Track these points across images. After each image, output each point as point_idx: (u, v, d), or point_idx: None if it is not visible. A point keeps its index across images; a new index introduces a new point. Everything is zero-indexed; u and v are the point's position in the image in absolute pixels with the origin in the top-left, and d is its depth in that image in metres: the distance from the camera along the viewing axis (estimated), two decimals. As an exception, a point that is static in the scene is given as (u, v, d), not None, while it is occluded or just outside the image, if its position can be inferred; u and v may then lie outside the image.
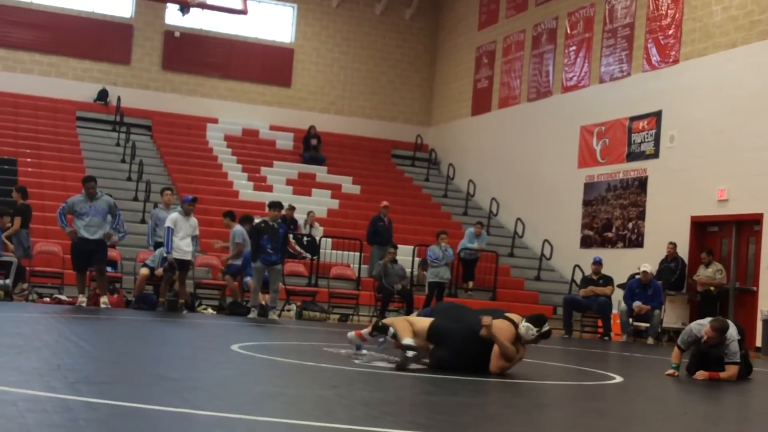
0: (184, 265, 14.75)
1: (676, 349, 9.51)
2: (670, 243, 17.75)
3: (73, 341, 8.45)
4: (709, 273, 17.01)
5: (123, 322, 11.99)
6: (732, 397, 8.34)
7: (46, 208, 18.63)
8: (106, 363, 7.19)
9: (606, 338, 16.90)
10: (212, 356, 8.31)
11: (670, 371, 9.26)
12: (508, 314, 8.02)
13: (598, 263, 17.56)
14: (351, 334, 8.77)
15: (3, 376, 5.63)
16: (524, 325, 7.80)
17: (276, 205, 15.41)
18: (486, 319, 7.79)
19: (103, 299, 14.36)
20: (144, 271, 15.35)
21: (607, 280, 17.40)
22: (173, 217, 14.77)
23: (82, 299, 14.37)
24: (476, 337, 7.81)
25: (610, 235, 20.20)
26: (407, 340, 7.85)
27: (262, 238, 14.88)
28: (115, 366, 7.01)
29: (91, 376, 6.11)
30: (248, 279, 16.02)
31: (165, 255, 14.74)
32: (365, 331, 8.52)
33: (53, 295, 15.37)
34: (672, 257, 17.71)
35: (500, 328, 7.79)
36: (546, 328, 7.91)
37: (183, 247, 14.65)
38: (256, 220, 16.03)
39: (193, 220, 14.99)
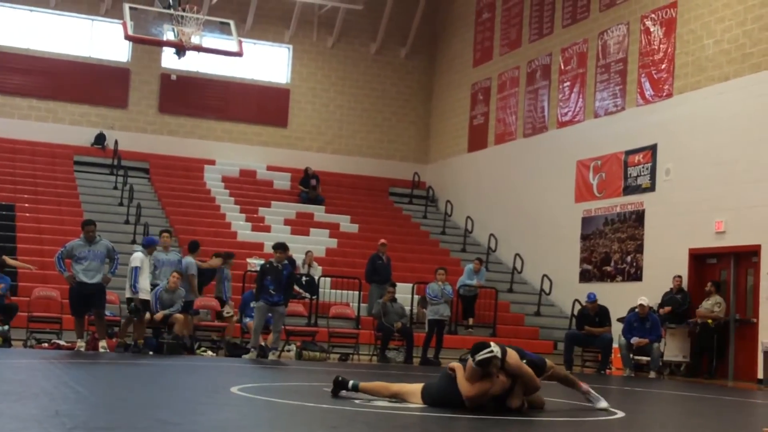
0: (147, 306, 14.88)
1: None
2: (677, 276, 17.72)
3: (71, 387, 8.41)
4: (708, 306, 16.98)
5: (122, 366, 11.93)
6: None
7: (44, 252, 18.63)
8: (105, 408, 7.15)
9: (602, 372, 16.83)
10: (212, 399, 8.26)
11: None
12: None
13: (593, 301, 17.35)
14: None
15: (1, 424, 5.60)
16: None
17: (280, 247, 15.43)
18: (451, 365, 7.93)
19: (102, 344, 14.32)
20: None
21: (604, 317, 17.27)
22: (139, 256, 14.88)
23: (81, 344, 14.33)
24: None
25: (608, 269, 20.19)
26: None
27: (266, 279, 14.93)
28: (114, 411, 6.97)
29: (90, 422, 6.07)
30: (248, 320, 16.02)
31: (127, 297, 14.87)
32: None
33: (51, 340, 15.31)
34: (678, 290, 17.68)
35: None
36: (480, 356, 7.55)
37: (147, 287, 14.85)
38: (254, 261, 16.03)
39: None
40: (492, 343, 7.75)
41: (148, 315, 15.14)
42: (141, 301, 14.77)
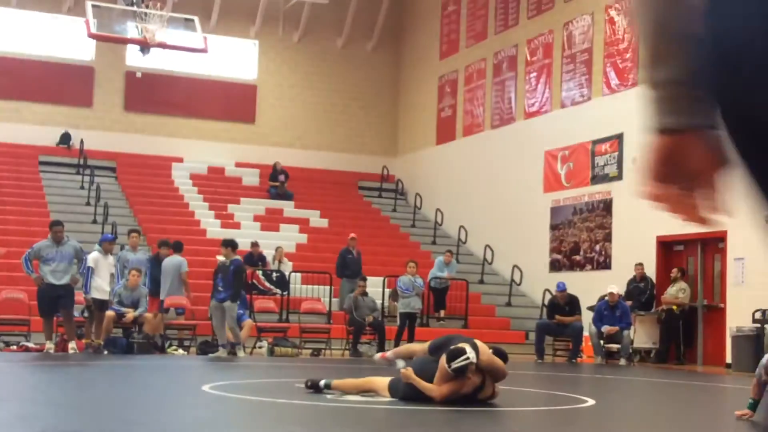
0: (104, 306, 14.70)
1: (754, 380, 7.15)
2: (638, 264, 17.86)
3: (40, 389, 8.34)
4: (673, 292, 17.15)
5: (92, 367, 11.85)
6: (708, 417, 8.37)
7: (11, 254, 18.43)
8: (73, 410, 7.09)
9: (573, 361, 16.95)
10: (183, 398, 8.23)
11: (743, 412, 7.08)
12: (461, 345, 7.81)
13: (563, 290, 17.44)
14: (377, 357, 9.91)
15: (-32, 429, 5.55)
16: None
17: (225, 244, 15.42)
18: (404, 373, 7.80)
19: (72, 345, 14.21)
20: (110, 313, 15.20)
21: (574, 306, 17.37)
22: (93, 256, 14.71)
23: (50, 345, 14.21)
24: (433, 364, 7.77)
25: (578, 258, 20.31)
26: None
27: (217, 277, 14.97)
28: (83, 413, 6.92)
29: (58, 425, 6.03)
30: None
31: (84, 296, 14.68)
32: (389, 353, 9.35)
33: (20, 342, 15.17)
34: (641, 277, 17.83)
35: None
36: (456, 364, 7.39)
37: (104, 286, 14.67)
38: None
39: (111, 258, 15.07)
40: (466, 347, 7.53)
41: (111, 313, 15.00)
42: (95, 300, 14.62)
